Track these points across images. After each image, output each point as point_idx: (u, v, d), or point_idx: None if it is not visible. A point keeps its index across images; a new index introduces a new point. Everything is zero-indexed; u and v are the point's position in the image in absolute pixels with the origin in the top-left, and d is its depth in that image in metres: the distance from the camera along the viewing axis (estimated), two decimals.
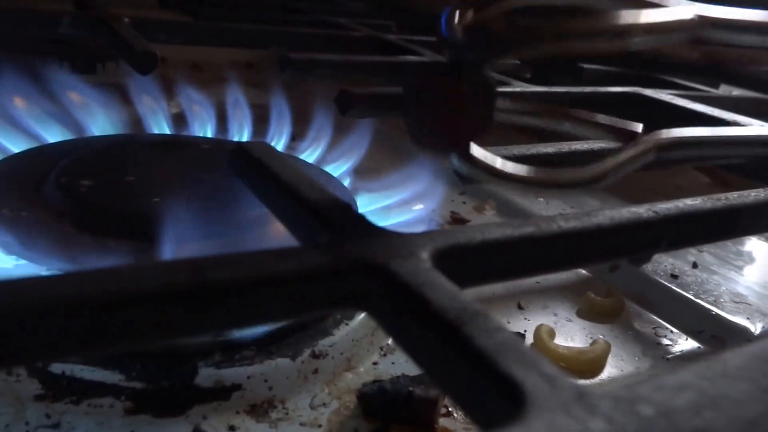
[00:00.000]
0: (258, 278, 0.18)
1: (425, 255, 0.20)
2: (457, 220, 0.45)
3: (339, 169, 0.42)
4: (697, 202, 0.26)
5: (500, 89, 0.43)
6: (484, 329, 0.16)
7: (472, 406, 0.15)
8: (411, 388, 0.27)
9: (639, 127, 0.27)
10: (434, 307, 0.17)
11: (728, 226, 0.27)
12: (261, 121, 0.47)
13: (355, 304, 0.19)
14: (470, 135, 0.24)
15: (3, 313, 0.15)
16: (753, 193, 0.28)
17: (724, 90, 0.67)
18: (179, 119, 0.47)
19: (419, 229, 0.21)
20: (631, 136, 0.26)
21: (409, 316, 0.18)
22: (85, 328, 0.16)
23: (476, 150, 0.24)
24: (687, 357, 0.34)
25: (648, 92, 0.47)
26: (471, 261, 0.21)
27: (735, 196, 0.27)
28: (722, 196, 0.27)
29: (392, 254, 0.19)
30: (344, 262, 0.19)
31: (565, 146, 0.33)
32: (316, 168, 0.41)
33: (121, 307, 0.16)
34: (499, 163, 0.24)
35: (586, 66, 0.59)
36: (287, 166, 0.25)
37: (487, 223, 0.22)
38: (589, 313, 0.37)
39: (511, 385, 0.14)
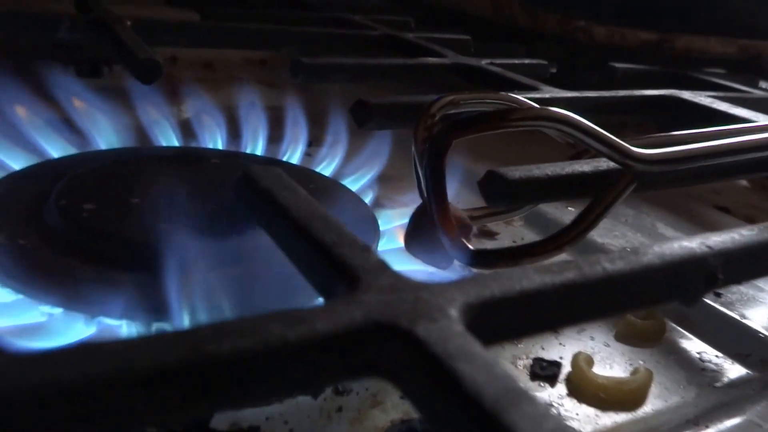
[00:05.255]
0: (265, 349, 0.15)
1: (455, 313, 0.17)
2: (484, 232, 0.43)
3: (358, 182, 0.40)
4: (754, 232, 0.24)
5: (528, 95, 0.41)
6: (528, 416, 0.14)
7: None
8: None
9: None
10: (469, 387, 0.14)
11: None
12: (277, 124, 0.45)
13: (377, 373, 0.16)
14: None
15: None
16: None
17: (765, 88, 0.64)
18: (188, 126, 0.45)
19: None
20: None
21: (439, 393, 0.15)
22: (61, 419, 0.13)
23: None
24: (736, 385, 0.32)
25: (686, 95, 0.45)
26: (507, 315, 0.18)
27: None
28: None
29: (418, 314, 0.17)
30: (363, 326, 0.16)
31: (603, 164, 0.30)
32: (334, 182, 0.39)
33: (103, 394, 0.14)
34: None
35: (618, 65, 0.55)
36: (299, 199, 0.23)
37: (524, 270, 0.19)
38: (627, 337, 0.34)
39: None
